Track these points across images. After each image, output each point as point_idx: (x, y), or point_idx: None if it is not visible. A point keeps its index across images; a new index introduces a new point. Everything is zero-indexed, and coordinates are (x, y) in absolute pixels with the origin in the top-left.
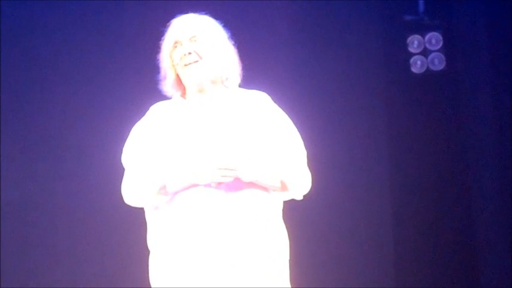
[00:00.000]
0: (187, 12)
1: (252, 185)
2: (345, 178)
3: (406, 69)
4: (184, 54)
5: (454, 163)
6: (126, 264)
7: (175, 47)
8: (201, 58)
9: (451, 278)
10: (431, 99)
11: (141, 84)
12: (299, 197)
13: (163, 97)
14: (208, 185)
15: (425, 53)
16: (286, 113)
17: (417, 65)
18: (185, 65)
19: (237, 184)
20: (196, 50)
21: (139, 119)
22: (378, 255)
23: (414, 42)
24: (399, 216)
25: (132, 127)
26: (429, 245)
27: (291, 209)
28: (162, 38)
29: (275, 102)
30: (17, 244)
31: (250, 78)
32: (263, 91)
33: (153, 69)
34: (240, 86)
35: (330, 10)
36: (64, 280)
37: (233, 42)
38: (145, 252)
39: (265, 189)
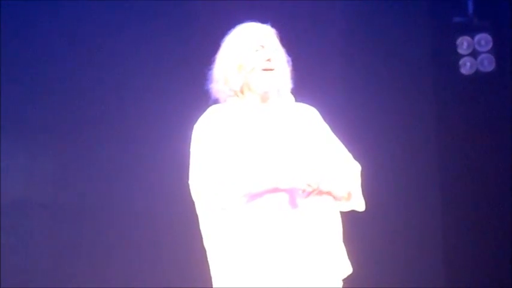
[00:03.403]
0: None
1: (327, 193)
2: (395, 181)
3: (455, 71)
4: (268, 60)
5: (503, 164)
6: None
7: (257, 50)
8: (277, 67)
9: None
10: (481, 101)
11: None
12: (362, 207)
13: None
14: (293, 191)
15: (474, 54)
16: (336, 119)
17: (466, 67)
18: (264, 70)
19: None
20: (276, 58)
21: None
22: (427, 258)
23: (463, 44)
24: (449, 220)
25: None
26: (479, 247)
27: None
28: (230, 41)
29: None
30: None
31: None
32: (312, 100)
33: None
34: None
35: (379, 13)
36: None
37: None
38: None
39: (333, 198)
